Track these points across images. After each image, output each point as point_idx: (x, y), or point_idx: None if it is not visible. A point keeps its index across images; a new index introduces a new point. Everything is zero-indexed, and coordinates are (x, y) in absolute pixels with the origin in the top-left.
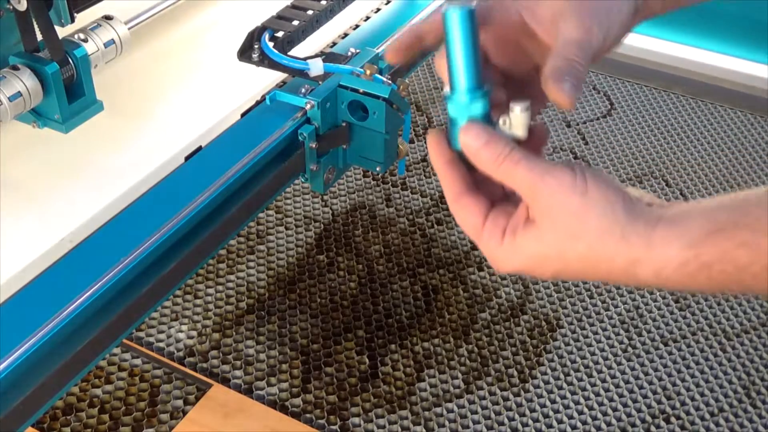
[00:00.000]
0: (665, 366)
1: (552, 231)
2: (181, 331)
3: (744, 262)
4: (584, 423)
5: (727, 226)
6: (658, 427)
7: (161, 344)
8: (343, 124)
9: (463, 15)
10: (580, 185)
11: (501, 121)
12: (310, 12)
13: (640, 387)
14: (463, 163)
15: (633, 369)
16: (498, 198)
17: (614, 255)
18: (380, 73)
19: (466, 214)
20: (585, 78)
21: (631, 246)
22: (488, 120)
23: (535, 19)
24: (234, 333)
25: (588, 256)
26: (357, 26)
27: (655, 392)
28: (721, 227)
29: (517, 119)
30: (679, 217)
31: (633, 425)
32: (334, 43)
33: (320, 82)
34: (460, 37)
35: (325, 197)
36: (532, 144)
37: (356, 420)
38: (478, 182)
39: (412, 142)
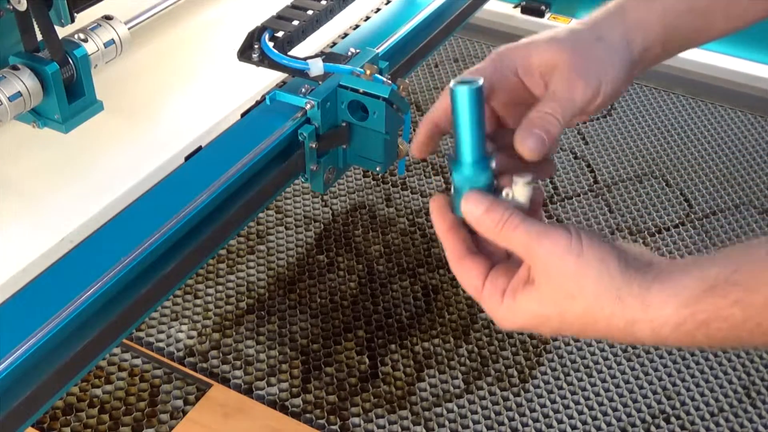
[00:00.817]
0: (665, 366)
1: (550, 292)
2: (181, 331)
3: (738, 319)
4: (584, 423)
5: (719, 283)
6: (658, 427)
7: (161, 344)
8: (343, 124)
9: (471, 93)
10: (576, 247)
11: (504, 194)
12: (310, 12)
13: (640, 387)
14: (464, 227)
15: (633, 369)
16: (499, 259)
17: (611, 316)
18: (380, 73)
19: (468, 276)
20: (558, 132)
21: (627, 307)
22: (490, 188)
23: (529, 74)
24: (234, 333)
25: (586, 316)
26: (357, 26)
27: (655, 392)
28: (713, 284)
29: (519, 191)
30: (675, 276)
31: (633, 425)
32: (334, 43)
33: (320, 82)
34: (467, 113)
35: (325, 197)
36: (531, 206)
37: (356, 420)
38: (479, 244)
39: (411, 142)
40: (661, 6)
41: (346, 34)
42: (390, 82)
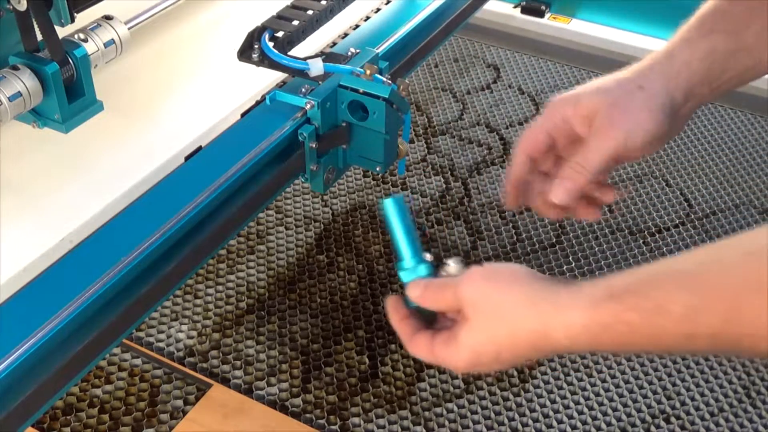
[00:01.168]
0: (665, 366)
1: (480, 320)
2: (181, 331)
3: (636, 323)
4: (584, 423)
5: (619, 292)
6: (658, 427)
7: (161, 344)
8: (343, 124)
9: (395, 203)
10: (489, 273)
11: (443, 272)
12: (310, 12)
13: (640, 387)
14: (417, 317)
15: (633, 369)
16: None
17: (531, 324)
18: (380, 73)
19: (419, 347)
20: (584, 179)
21: (540, 309)
22: (431, 275)
23: (577, 121)
24: (234, 333)
25: (510, 329)
26: (357, 26)
27: (655, 392)
28: (614, 292)
29: (452, 270)
30: (583, 285)
31: (633, 425)
32: (334, 43)
33: (320, 82)
34: (397, 220)
35: (325, 197)
36: None
37: (356, 420)
38: (435, 329)
39: (412, 142)
40: (707, 46)
41: (346, 34)
42: (390, 82)
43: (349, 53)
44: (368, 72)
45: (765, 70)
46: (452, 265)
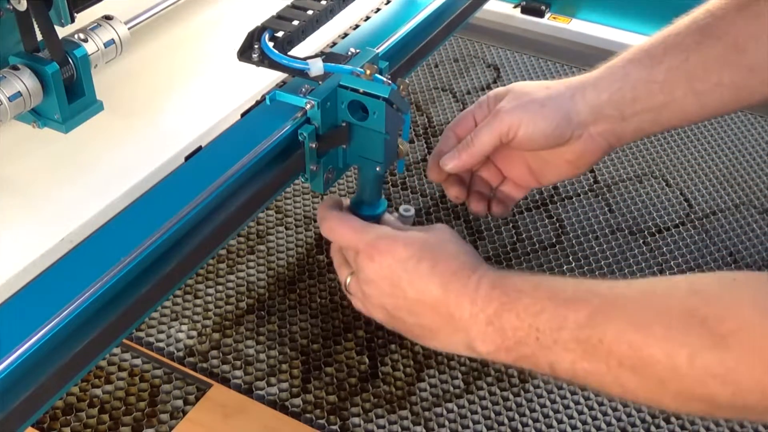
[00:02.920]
0: None
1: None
2: (181, 331)
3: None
4: (584, 423)
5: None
6: (658, 427)
7: (161, 344)
8: (343, 124)
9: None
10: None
11: (396, 214)
12: (310, 12)
13: None
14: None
15: None
16: None
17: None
18: (380, 73)
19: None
20: (469, 155)
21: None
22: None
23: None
24: (234, 333)
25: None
26: (357, 26)
27: None
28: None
29: (403, 212)
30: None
31: (633, 425)
32: (334, 43)
33: (320, 82)
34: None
35: (325, 197)
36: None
37: (356, 420)
38: None
39: (412, 142)
40: (622, 72)
41: (346, 34)
42: (390, 82)
43: (349, 53)
44: (368, 72)
45: (683, 115)
46: (404, 208)
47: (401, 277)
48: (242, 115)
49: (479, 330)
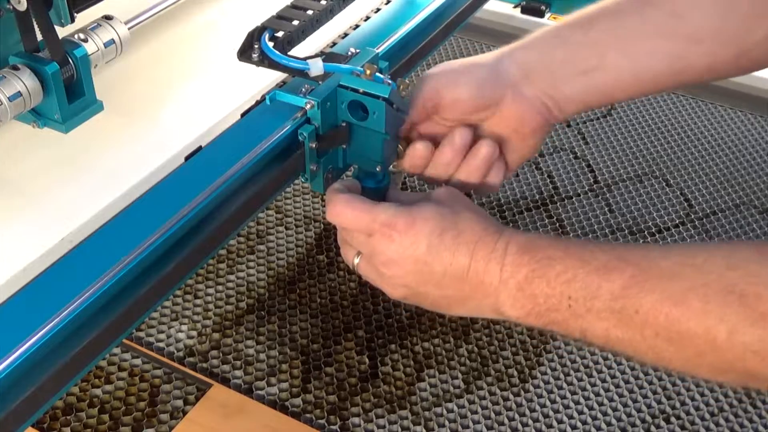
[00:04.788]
0: None
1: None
2: (181, 331)
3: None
4: (584, 423)
5: (540, 310)
6: (658, 427)
7: (161, 344)
8: (343, 124)
9: None
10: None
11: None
12: (310, 12)
13: (640, 387)
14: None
15: (633, 369)
16: None
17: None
18: (380, 72)
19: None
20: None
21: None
22: None
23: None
24: (234, 333)
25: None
26: (357, 26)
27: (655, 392)
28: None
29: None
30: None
31: (633, 425)
32: (334, 43)
33: (320, 82)
34: None
35: (325, 197)
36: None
37: (356, 420)
38: None
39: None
40: (556, 33)
41: (346, 34)
42: (390, 82)
43: (349, 53)
44: (368, 72)
45: (617, 83)
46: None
47: (426, 252)
48: (242, 115)
49: (509, 295)
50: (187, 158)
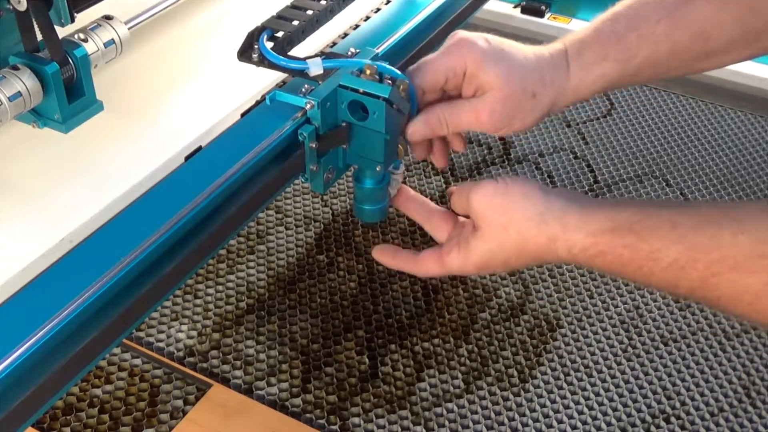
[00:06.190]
0: (665, 366)
1: (489, 229)
2: (181, 331)
3: (626, 259)
4: (584, 423)
5: (621, 226)
6: (658, 427)
7: (161, 344)
8: (343, 124)
9: None
10: (501, 187)
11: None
12: (309, 12)
13: (640, 387)
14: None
15: (633, 369)
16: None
17: (537, 234)
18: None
19: (427, 263)
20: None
21: (549, 226)
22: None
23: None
24: (234, 333)
25: (519, 240)
26: (357, 26)
27: (655, 392)
28: (617, 225)
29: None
30: (590, 209)
31: (633, 425)
32: (334, 43)
33: (320, 82)
34: None
35: (325, 197)
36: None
37: (356, 420)
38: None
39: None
40: (600, 71)
41: (346, 34)
42: (390, 81)
43: (349, 53)
44: (368, 72)
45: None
46: (393, 165)
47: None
48: (242, 115)
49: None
50: (187, 158)
